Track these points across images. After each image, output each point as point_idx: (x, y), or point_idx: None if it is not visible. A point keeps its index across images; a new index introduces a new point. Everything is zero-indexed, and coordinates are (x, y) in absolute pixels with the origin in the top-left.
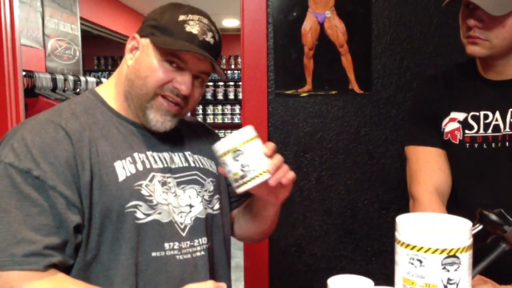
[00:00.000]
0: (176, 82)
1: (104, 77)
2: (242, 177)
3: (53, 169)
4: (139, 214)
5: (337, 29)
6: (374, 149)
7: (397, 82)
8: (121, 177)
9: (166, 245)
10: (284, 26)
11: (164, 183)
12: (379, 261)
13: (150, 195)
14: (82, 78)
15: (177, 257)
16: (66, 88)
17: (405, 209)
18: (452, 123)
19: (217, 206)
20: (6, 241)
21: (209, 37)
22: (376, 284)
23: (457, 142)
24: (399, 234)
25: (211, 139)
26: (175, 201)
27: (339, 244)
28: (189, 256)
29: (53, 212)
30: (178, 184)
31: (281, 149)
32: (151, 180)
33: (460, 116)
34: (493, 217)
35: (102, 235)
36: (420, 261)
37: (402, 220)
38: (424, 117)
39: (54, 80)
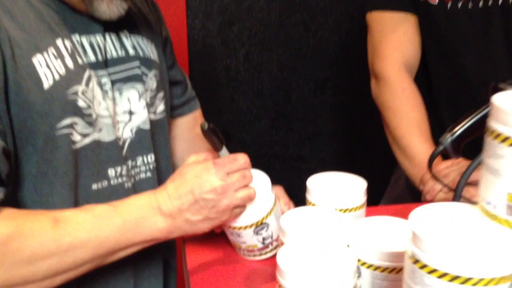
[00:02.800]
0: None
1: None
2: (261, 249)
3: None
4: (76, 136)
5: None
6: (310, 19)
7: None
8: (47, 82)
9: (111, 172)
10: None
11: (100, 85)
12: (312, 144)
13: (89, 106)
14: None
15: (126, 185)
16: None
17: (343, 87)
18: None
19: (161, 107)
20: None
21: None
22: (309, 168)
23: (436, 2)
24: None
25: (149, 9)
26: (112, 109)
27: (271, 129)
28: (132, 181)
29: None
30: (114, 83)
31: (203, 20)
32: (87, 83)
33: None
34: None
35: (20, 168)
36: None
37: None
38: None
39: None
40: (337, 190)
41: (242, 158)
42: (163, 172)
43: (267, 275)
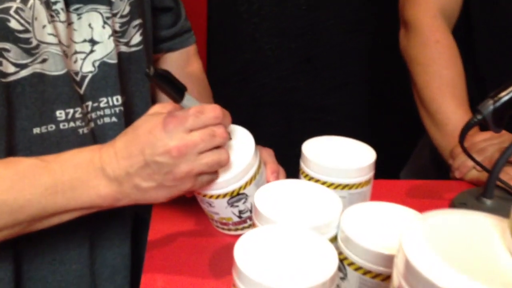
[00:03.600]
0: None
1: None
2: (237, 223)
3: None
4: (7, 67)
5: None
6: None
7: None
8: None
9: (60, 114)
10: None
11: (47, 4)
12: (340, 95)
13: (26, 30)
14: None
15: (81, 130)
16: None
17: (379, 32)
18: None
19: (137, 38)
20: None
21: None
22: (333, 121)
23: None
24: None
25: None
26: (64, 35)
27: (295, 74)
28: (92, 125)
29: None
30: (70, 2)
31: None
32: (25, 0)
33: None
34: None
35: None
36: None
37: None
38: None
39: None
40: (336, 160)
41: (211, 111)
42: (139, 117)
43: None
